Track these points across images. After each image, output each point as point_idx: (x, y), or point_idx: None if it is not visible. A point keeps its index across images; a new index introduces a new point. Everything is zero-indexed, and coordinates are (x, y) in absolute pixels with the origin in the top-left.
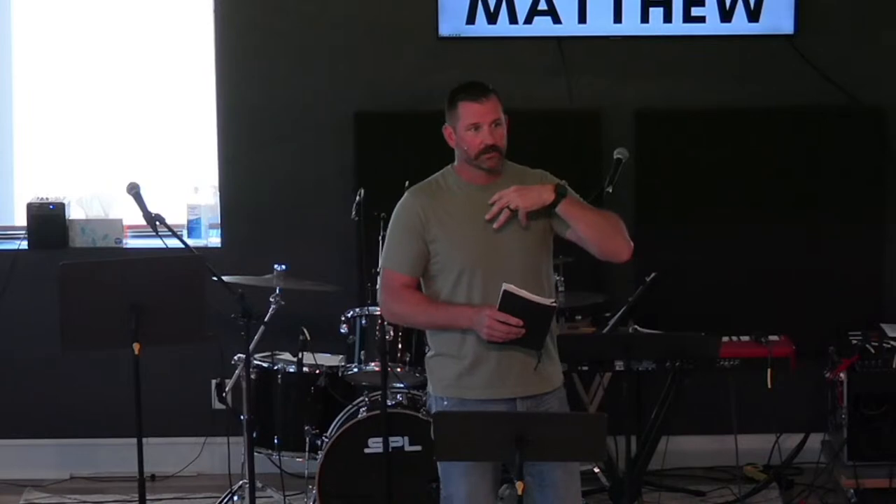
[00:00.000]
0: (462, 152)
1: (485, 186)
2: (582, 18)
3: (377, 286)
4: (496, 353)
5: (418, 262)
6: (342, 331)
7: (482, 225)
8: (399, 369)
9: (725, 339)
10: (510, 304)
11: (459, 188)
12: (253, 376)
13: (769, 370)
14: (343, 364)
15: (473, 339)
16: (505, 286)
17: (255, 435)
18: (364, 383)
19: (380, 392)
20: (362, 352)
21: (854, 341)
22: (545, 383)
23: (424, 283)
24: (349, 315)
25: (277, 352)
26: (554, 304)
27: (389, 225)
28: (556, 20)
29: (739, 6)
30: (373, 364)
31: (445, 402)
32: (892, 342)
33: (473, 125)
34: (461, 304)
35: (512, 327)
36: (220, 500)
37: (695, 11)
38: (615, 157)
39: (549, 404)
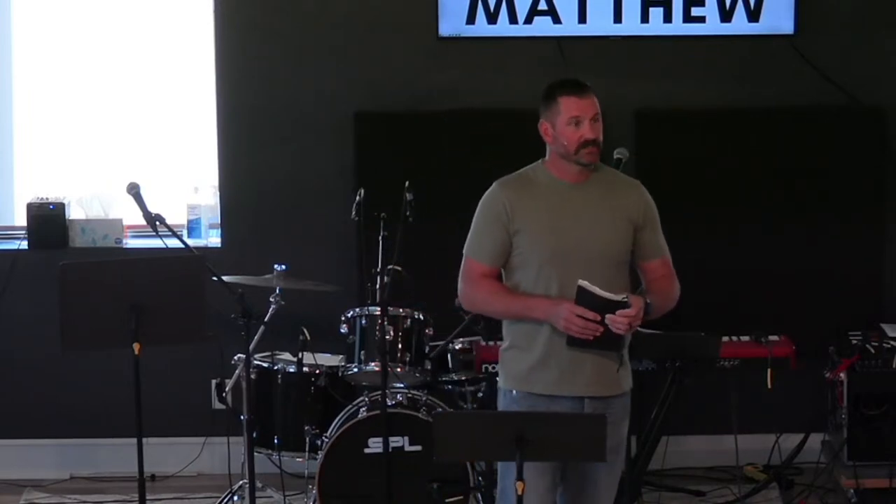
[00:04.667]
0: (560, 147)
1: (575, 184)
2: (582, 18)
3: (458, 275)
4: (567, 350)
5: (500, 253)
6: (342, 331)
7: (568, 222)
8: (399, 369)
9: (725, 339)
10: (584, 299)
11: (549, 183)
12: (253, 376)
13: (769, 370)
14: (343, 364)
15: (547, 332)
16: (580, 282)
17: (255, 435)
18: (364, 383)
19: (380, 392)
20: (362, 352)
21: (854, 341)
22: (615, 386)
23: (505, 275)
24: (349, 315)
25: (277, 352)
26: (626, 300)
27: (476, 214)
28: (556, 20)
29: (739, 6)
30: (373, 364)
31: (514, 393)
32: (892, 342)
33: (574, 119)
34: (543, 296)
35: (589, 322)
36: (220, 500)
37: (695, 11)
38: (615, 157)
39: (615, 408)
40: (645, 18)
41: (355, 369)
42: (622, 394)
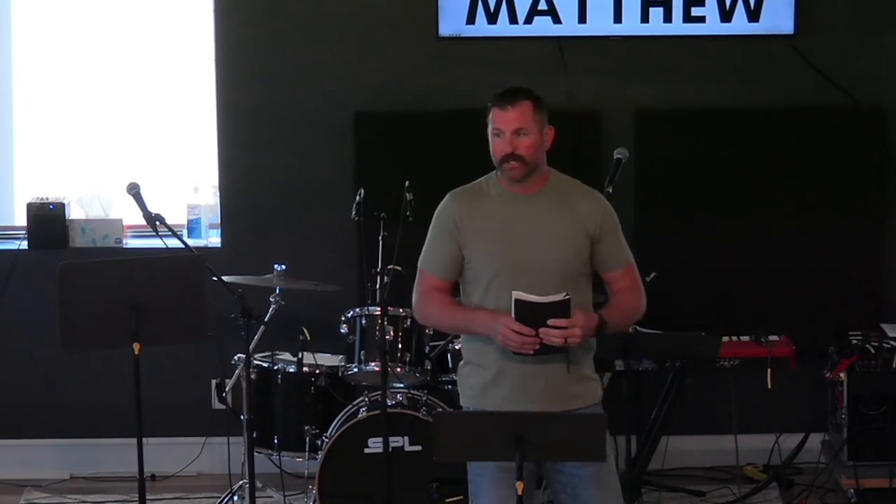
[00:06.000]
0: (492, 158)
1: (526, 196)
2: (582, 18)
3: (414, 287)
4: (520, 365)
5: (451, 266)
6: (342, 331)
7: (517, 235)
8: (399, 369)
9: (725, 339)
10: (524, 311)
11: (500, 195)
12: (253, 376)
13: (769, 370)
14: (343, 364)
15: (497, 348)
16: (514, 295)
17: (255, 435)
18: (364, 383)
19: (380, 392)
20: (362, 352)
21: (854, 341)
22: (573, 400)
23: (461, 289)
24: (349, 315)
25: (277, 352)
26: (567, 297)
27: (430, 226)
28: (556, 20)
29: (739, 6)
30: (373, 364)
31: (471, 410)
32: (892, 342)
33: (496, 131)
34: (485, 309)
35: (526, 338)
36: (220, 500)
37: (695, 11)
38: (615, 157)
39: None
40: (645, 18)
41: (355, 369)
42: (585, 406)
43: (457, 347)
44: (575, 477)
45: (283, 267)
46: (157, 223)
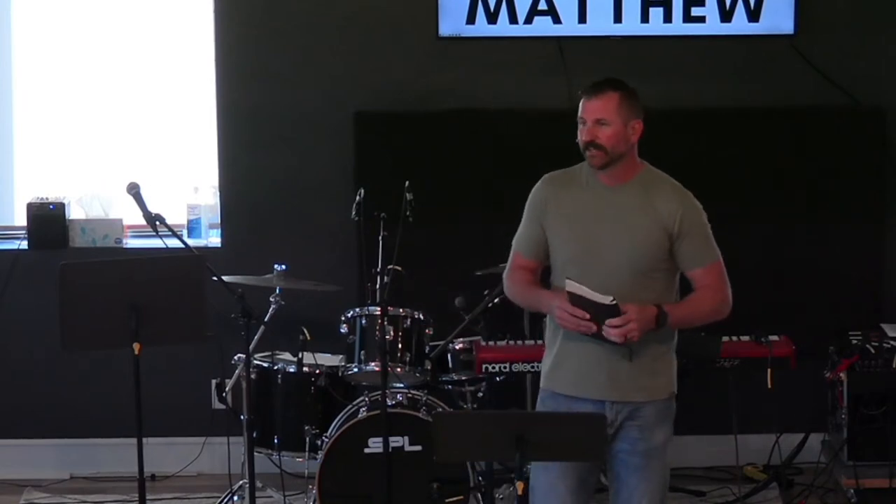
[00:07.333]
0: None
1: (611, 187)
2: (582, 18)
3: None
4: (581, 351)
5: (535, 247)
6: (342, 331)
7: (591, 225)
8: (399, 369)
9: (725, 339)
10: (576, 300)
11: (587, 183)
12: (253, 376)
13: (769, 370)
14: (343, 364)
15: (562, 333)
16: (566, 282)
17: (255, 435)
18: (364, 383)
19: (380, 392)
20: (362, 352)
21: (854, 341)
22: (639, 392)
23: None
24: (349, 315)
25: (277, 352)
26: (613, 303)
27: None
28: (556, 20)
29: (739, 6)
30: (373, 364)
31: (543, 391)
32: (892, 342)
33: (581, 120)
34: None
35: (580, 320)
36: (220, 500)
37: (695, 11)
38: None
39: (644, 413)
40: (645, 18)
41: (355, 369)
42: (652, 401)
43: (457, 347)
44: (625, 462)
45: (283, 267)
46: (157, 223)
